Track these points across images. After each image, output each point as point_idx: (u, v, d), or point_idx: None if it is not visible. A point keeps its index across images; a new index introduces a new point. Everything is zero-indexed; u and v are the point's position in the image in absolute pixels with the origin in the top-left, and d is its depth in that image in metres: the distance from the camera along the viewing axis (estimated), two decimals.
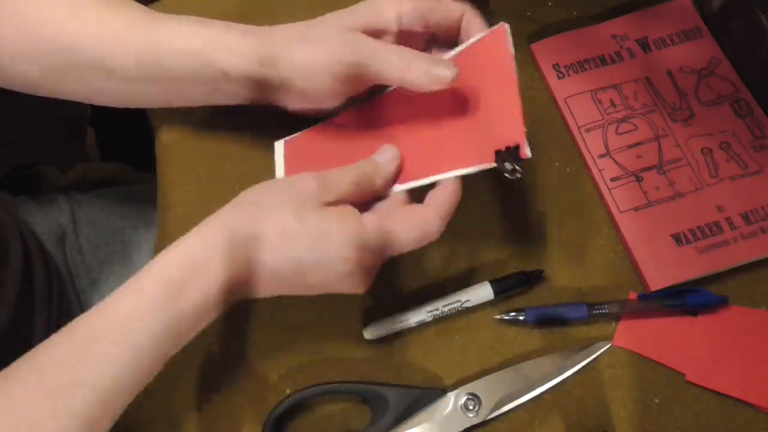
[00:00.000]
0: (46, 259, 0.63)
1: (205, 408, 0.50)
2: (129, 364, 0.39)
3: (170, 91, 0.51)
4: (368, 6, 0.48)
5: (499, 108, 0.46)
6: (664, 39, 0.59)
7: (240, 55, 0.47)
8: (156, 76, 0.49)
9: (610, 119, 0.56)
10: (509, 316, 0.51)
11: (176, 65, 0.48)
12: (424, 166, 0.48)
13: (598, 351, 0.50)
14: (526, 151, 0.43)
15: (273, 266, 0.42)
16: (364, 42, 0.46)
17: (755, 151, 0.54)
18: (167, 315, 0.40)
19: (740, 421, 0.47)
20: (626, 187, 0.54)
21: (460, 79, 0.46)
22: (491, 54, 0.47)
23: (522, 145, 0.43)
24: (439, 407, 0.48)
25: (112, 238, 0.69)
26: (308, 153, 0.54)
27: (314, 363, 0.51)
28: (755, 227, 0.52)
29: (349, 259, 0.42)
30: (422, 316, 0.50)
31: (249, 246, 0.42)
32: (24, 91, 0.51)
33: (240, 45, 0.48)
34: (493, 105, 0.46)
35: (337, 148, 0.53)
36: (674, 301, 0.50)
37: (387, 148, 0.48)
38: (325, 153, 0.53)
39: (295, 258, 0.42)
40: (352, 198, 0.45)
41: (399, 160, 0.48)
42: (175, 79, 0.49)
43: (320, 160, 0.52)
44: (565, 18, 0.62)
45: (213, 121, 0.58)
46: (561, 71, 0.59)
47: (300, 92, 0.49)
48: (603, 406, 0.48)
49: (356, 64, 0.46)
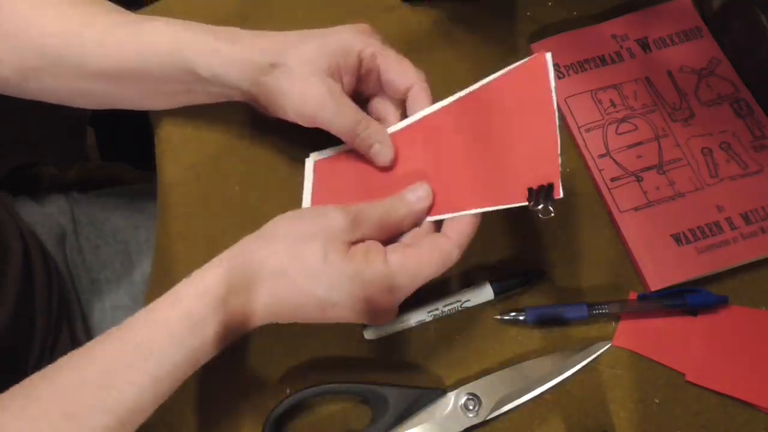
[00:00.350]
0: (46, 259, 0.63)
1: (205, 408, 0.50)
2: (148, 389, 0.39)
3: (140, 90, 0.52)
4: (335, 44, 0.49)
5: (534, 143, 0.44)
6: (664, 39, 0.59)
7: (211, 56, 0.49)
8: (119, 74, 0.50)
9: (610, 119, 0.56)
10: (509, 316, 0.51)
11: (140, 62, 0.49)
12: (455, 199, 0.47)
13: (598, 351, 0.50)
14: (559, 192, 0.41)
15: (296, 302, 0.43)
16: (331, 101, 0.48)
17: (755, 151, 0.54)
18: (188, 346, 0.40)
19: (740, 421, 0.47)
20: (626, 187, 0.54)
21: (497, 108, 0.46)
22: (530, 85, 0.45)
23: (556, 186, 0.41)
24: (439, 407, 0.48)
25: (112, 238, 0.69)
26: (338, 173, 0.53)
27: (314, 363, 0.51)
28: (755, 227, 0.52)
29: (374, 300, 0.42)
30: (422, 315, 0.50)
31: (274, 281, 0.42)
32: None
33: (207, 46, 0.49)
34: (529, 139, 0.44)
35: (367, 172, 0.52)
36: (674, 301, 0.50)
37: (420, 186, 0.47)
38: (355, 175, 0.52)
39: (318, 296, 0.42)
40: (378, 236, 0.45)
41: (431, 199, 0.47)
42: (144, 77, 0.50)
43: (350, 182, 0.52)
44: (565, 18, 0.62)
45: (213, 120, 0.58)
46: (561, 71, 0.59)
47: (277, 113, 0.51)
48: (603, 406, 0.48)
49: (315, 118, 0.49)
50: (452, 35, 0.62)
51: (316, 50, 0.48)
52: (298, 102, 0.48)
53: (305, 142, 0.58)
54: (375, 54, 0.49)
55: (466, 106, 0.49)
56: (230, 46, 0.48)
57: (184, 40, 0.49)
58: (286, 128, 0.58)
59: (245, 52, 0.48)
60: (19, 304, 0.56)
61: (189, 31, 0.49)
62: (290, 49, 0.48)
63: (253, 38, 0.50)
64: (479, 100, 0.48)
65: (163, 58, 0.49)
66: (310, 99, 0.48)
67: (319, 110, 0.48)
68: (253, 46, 0.49)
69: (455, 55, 0.61)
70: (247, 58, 0.48)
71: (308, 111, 0.48)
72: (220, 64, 0.48)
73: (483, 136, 0.47)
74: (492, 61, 0.61)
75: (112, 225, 0.69)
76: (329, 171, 0.54)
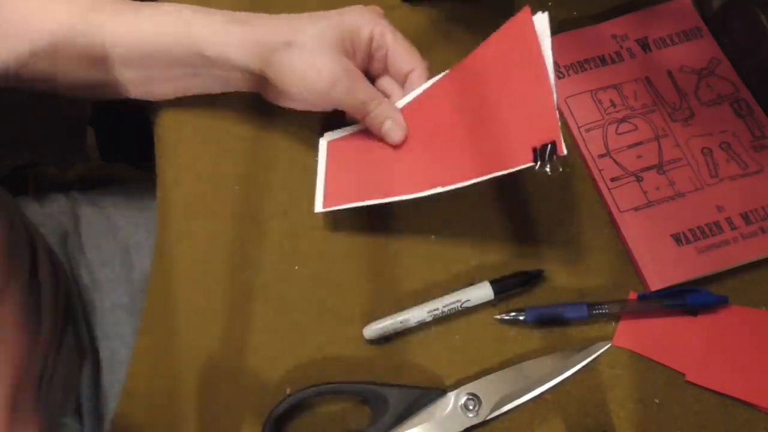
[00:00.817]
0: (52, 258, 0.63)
1: (205, 408, 0.50)
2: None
3: (148, 75, 0.52)
4: (347, 22, 0.50)
5: (531, 103, 0.44)
6: (664, 39, 0.59)
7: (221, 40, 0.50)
8: (124, 58, 0.51)
9: (610, 119, 0.56)
10: (509, 316, 0.51)
11: (146, 46, 0.50)
12: (461, 169, 0.48)
13: (598, 351, 0.50)
14: (562, 148, 0.42)
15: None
16: (345, 77, 0.49)
17: (755, 151, 0.54)
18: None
19: (740, 421, 0.47)
20: (626, 187, 0.54)
21: (489, 74, 0.48)
22: (517, 44, 0.46)
23: (558, 142, 0.42)
24: (439, 407, 0.48)
25: (113, 237, 0.69)
26: (351, 153, 0.56)
27: (314, 363, 0.51)
28: (755, 227, 0.52)
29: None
30: (422, 315, 0.50)
31: None
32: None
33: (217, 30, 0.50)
34: (525, 100, 0.45)
35: (378, 150, 0.54)
36: (674, 301, 0.50)
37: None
38: (367, 154, 0.55)
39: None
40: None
41: None
42: (150, 61, 0.51)
43: (362, 161, 0.54)
44: (565, 18, 0.62)
45: (213, 121, 0.58)
46: (561, 71, 0.59)
47: (286, 96, 0.52)
48: (603, 406, 0.48)
49: (329, 95, 0.50)
50: (452, 35, 0.62)
51: (329, 28, 0.49)
52: (312, 78, 0.49)
53: (306, 142, 0.58)
54: (384, 33, 0.51)
55: (459, 77, 0.51)
56: (241, 26, 0.49)
57: (192, 21, 0.49)
58: (287, 128, 0.58)
59: (257, 32, 0.49)
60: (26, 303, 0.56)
61: (198, 13, 0.50)
62: (303, 28, 0.49)
63: (264, 19, 0.50)
64: (470, 70, 0.50)
65: (170, 40, 0.49)
66: (325, 74, 0.49)
67: (333, 86, 0.49)
68: (266, 26, 0.49)
69: (455, 55, 0.61)
70: (260, 38, 0.49)
71: (322, 87, 0.49)
72: (230, 43, 0.49)
73: (479, 104, 0.48)
74: None
75: (113, 224, 0.69)
76: (342, 150, 0.56)
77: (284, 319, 0.52)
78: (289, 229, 0.55)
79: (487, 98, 0.48)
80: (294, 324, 0.52)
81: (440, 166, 0.50)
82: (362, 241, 0.55)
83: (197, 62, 0.50)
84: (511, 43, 0.46)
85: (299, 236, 0.55)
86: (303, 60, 0.49)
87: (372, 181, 0.53)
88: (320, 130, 0.59)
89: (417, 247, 0.54)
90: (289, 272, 0.54)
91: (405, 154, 0.53)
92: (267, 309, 0.52)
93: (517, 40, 0.46)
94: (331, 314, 0.52)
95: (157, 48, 0.50)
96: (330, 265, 0.54)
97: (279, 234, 0.55)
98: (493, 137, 0.47)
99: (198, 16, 0.50)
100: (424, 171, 0.51)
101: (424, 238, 0.54)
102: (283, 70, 0.49)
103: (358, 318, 0.52)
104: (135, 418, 0.49)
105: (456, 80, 0.51)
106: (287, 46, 0.48)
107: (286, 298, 0.53)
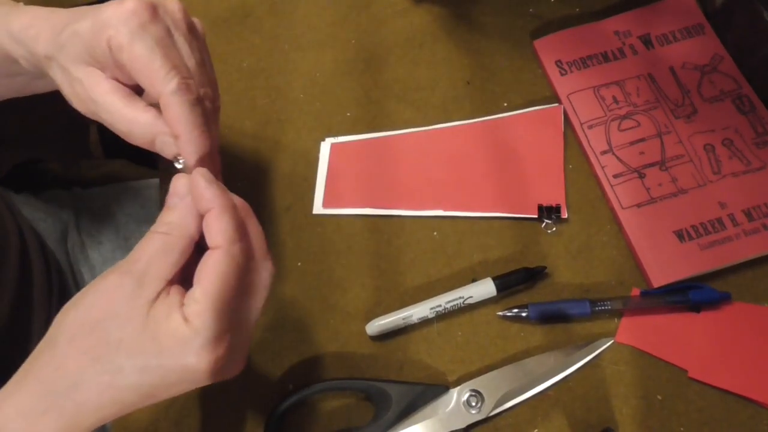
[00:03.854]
0: (45, 255, 0.63)
1: (208, 405, 0.50)
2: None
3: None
4: (86, 36, 0.38)
5: (545, 170, 0.55)
6: (667, 35, 0.59)
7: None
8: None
9: (612, 116, 0.56)
10: (512, 313, 0.51)
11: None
12: (471, 201, 0.55)
13: (600, 347, 0.50)
14: (565, 213, 0.54)
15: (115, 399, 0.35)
16: (90, 88, 0.39)
17: (758, 147, 0.54)
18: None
19: (743, 418, 0.47)
20: (629, 183, 0.54)
21: (516, 136, 0.57)
22: (546, 125, 0.57)
23: (562, 207, 0.54)
24: (442, 404, 0.48)
25: (114, 234, 0.69)
26: (353, 159, 0.58)
27: (317, 360, 0.51)
28: (758, 224, 0.52)
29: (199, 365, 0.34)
30: (425, 312, 0.50)
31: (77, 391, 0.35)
32: None
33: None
34: (541, 166, 0.55)
35: (381, 162, 0.57)
36: (677, 297, 0.50)
37: (175, 185, 0.38)
38: (369, 163, 0.57)
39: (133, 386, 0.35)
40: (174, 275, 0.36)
41: (188, 193, 0.37)
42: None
43: (363, 168, 0.57)
44: (567, 14, 0.62)
45: None
46: (563, 68, 0.59)
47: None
48: (606, 403, 0.48)
49: (89, 112, 0.42)
50: (455, 32, 0.62)
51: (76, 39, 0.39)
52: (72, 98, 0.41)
53: (309, 140, 0.59)
54: (121, 47, 0.37)
55: (489, 127, 0.58)
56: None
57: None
58: (289, 124, 0.58)
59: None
60: (16, 300, 0.56)
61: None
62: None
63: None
64: (501, 127, 0.58)
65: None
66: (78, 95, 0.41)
67: (87, 105, 0.41)
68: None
69: (458, 51, 0.61)
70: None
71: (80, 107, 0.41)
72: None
73: (502, 154, 0.56)
74: (495, 58, 0.61)
75: (115, 221, 0.69)
76: (346, 155, 0.58)
77: (287, 315, 0.52)
78: (291, 226, 0.55)
79: (511, 153, 0.56)
80: (297, 321, 0.52)
81: (448, 192, 0.55)
82: (365, 238, 0.55)
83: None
84: (542, 123, 0.57)
85: (302, 233, 0.55)
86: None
87: (375, 191, 0.56)
88: (323, 129, 0.59)
89: (420, 243, 0.54)
90: (291, 269, 0.54)
91: (414, 173, 0.57)
92: (269, 306, 0.52)
93: (547, 124, 0.57)
94: (333, 311, 0.52)
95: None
96: (333, 261, 0.54)
97: (282, 230, 0.55)
98: (507, 183, 0.55)
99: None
100: (431, 193, 0.56)
101: (426, 234, 0.54)
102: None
103: (360, 314, 0.52)
104: (137, 415, 0.49)
105: (484, 129, 0.58)
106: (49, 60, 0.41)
107: (288, 294, 0.53)
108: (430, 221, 0.55)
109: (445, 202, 0.55)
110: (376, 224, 0.55)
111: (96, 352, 0.34)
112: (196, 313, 0.34)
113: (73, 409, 0.35)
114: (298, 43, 0.64)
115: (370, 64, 0.62)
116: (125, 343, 0.34)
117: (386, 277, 0.53)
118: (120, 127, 0.39)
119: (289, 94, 0.61)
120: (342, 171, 0.57)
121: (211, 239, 0.36)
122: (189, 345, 0.34)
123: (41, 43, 0.40)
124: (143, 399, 0.35)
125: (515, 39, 0.61)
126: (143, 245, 0.36)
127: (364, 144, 0.58)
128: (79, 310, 0.35)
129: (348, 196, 0.56)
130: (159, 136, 0.39)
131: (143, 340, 0.34)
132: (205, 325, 0.34)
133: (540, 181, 0.55)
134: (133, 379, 0.34)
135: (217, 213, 0.36)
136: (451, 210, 0.55)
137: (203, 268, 0.35)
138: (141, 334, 0.34)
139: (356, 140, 0.58)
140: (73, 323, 0.35)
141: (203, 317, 0.34)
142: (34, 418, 0.34)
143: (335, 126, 0.59)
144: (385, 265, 0.54)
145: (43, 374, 0.35)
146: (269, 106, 0.61)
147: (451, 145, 0.57)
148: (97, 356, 0.34)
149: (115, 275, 0.35)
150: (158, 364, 0.34)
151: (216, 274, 0.35)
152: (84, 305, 0.35)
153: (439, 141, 0.58)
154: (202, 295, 0.34)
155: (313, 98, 0.61)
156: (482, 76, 0.60)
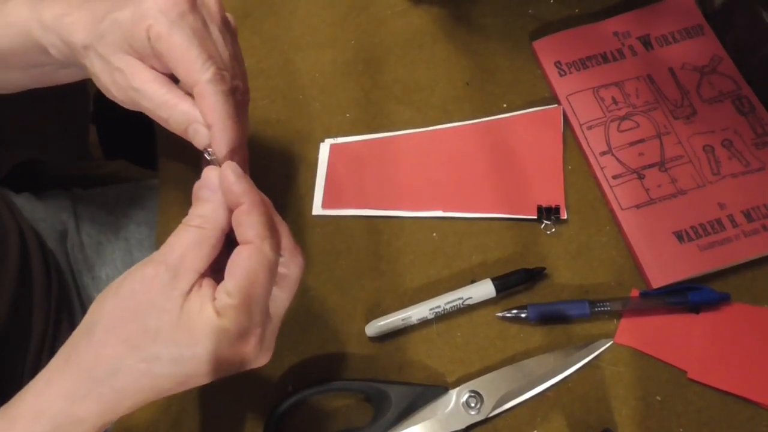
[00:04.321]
0: (45, 255, 0.63)
1: (207, 405, 0.50)
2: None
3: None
4: (126, 25, 0.39)
5: (544, 171, 0.55)
6: (666, 36, 0.59)
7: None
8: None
9: (611, 116, 0.56)
10: (511, 314, 0.51)
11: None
12: (470, 202, 0.55)
13: (599, 348, 0.50)
14: (565, 214, 0.54)
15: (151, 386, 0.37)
16: (132, 77, 0.40)
17: (757, 148, 0.54)
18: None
19: (742, 419, 0.47)
20: (628, 184, 0.54)
21: (516, 137, 0.57)
22: (545, 126, 0.57)
23: (562, 208, 0.54)
24: (441, 405, 0.48)
25: (114, 235, 0.69)
26: (352, 160, 0.58)
27: (317, 360, 0.51)
28: (757, 224, 0.52)
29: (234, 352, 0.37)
30: (424, 313, 0.50)
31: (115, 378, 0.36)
32: None
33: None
34: (540, 167, 0.56)
35: (381, 163, 0.58)
36: (676, 298, 0.50)
37: (206, 177, 0.39)
38: (369, 164, 0.58)
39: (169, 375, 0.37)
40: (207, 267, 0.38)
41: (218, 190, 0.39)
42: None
43: (363, 170, 0.58)
44: (567, 15, 0.62)
45: None
46: (563, 68, 0.59)
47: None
48: (605, 404, 0.48)
49: (127, 100, 0.42)
50: (455, 33, 0.62)
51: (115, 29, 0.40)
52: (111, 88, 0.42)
53: (308, 141, 0.59)
54: (160, 36, 0.39)
55: (488, 128, 0.58)
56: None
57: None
58: (288, 125, 0.58)
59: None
60: (16, 300, 0.56)
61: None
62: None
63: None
64: (500, 128, 0.58)
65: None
66: (118, 83, 0.41)
67: (126, 93, 0.41)
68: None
69: (457, 52, 0.61)
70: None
71: (119, 95, 0.42)
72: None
73: (500, 156, 0.56)
74: (494, 59, 0.61)
75: (114, 222, 0.69)
76: (346, 156, 0.58)
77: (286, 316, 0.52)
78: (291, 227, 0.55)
79: (510, 153, 0.56)
80: (296, 321, 0.52)
81: (448, 193, 0.56)
82: (364, 239, 0.55)
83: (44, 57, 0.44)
84: (541, 124, 0.57)
85: (301, 234, 0.55)
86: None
87: (374, 192, 0.56)
88: (322, 130, 0.59)
89: (419, 244, 0.54)
90: None
91: (414, 174, 0.57)
92: None
93: (546, 125, 0.57)
94: (333, 312, 0.52)
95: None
96: (332, 262, 0.54)
97: None
98: (506, 184, 0.55)
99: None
100: (430, 193, 0.56)
101: (426, 235, 0.55)
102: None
103: (360, 315, 0.52)
104: (137, 414, 0.49)
105: (484, 130, 0.58)
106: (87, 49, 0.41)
107: None
108: (430, 222, 0.55)
109: (444, 203, 0.55)
110: (376, 225, 0.55)
111: (134, 341, 0.36)
112: (229, 307, 0.36)
113: (112, 395, 0.36)
114: (297, 43, 0.64)
115: (369, 65, 0.62)
116: (162, 333, 0.36)
117: (386, 278, 0.53)
118: (161, 113, 0.40)
119: (288, 94, 0.61)
120: (341, 172, 0.57)
121: (241, 235, 0.37)
122: (221, 338, 0.36)
123: (79, 32, 0.41)
124: (178, 386, 0.37)
125: (514, 40, 0.61)
126: (177, 237, 0.38)
127: (363, 145, 0.58)
128: (116, 298, 0.37)
129: (347, 197, 0.56)
130: (192, 125, 0.40)
131: (178, 332, 0.36)
132: (237, 319, 0.36)
133: (539, 182, 0.55)
134: (168, 368, 0.36)
135: (247, 209, 0.37)
136: (450, 211, 0.55)
137: (234, 264, 0.37)
138: (176, 326, 0.36)
139: (356, 141, 0.58)
140: (112, 312, 0.37)
141: (235, 312, 0.36)
142: (75, 401, 0.36)
143: (335, 127, 0.59)
144: (384, 266, 0.54)
145: (83, 361, 0.37)
146: (269, 106, 0.61)
147: (451, 146, 0.57)
148: (136, 345, 0.36)
149: (151, 266, 0.37)
150: (192, 355, 0.36)
151: (247, 270, 0.36)
152: (121, 294, 0.37)
153: (439, 142, 0.58)
154: (234, 290, 0.36)
155: (312, 99, 0.61)
156: (482, 76, 0.60)
